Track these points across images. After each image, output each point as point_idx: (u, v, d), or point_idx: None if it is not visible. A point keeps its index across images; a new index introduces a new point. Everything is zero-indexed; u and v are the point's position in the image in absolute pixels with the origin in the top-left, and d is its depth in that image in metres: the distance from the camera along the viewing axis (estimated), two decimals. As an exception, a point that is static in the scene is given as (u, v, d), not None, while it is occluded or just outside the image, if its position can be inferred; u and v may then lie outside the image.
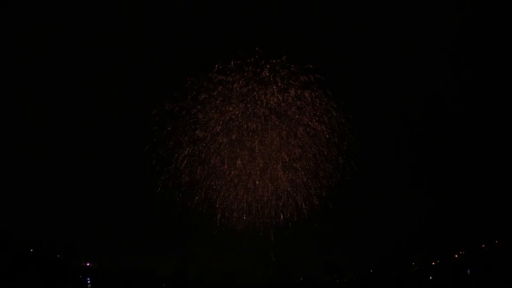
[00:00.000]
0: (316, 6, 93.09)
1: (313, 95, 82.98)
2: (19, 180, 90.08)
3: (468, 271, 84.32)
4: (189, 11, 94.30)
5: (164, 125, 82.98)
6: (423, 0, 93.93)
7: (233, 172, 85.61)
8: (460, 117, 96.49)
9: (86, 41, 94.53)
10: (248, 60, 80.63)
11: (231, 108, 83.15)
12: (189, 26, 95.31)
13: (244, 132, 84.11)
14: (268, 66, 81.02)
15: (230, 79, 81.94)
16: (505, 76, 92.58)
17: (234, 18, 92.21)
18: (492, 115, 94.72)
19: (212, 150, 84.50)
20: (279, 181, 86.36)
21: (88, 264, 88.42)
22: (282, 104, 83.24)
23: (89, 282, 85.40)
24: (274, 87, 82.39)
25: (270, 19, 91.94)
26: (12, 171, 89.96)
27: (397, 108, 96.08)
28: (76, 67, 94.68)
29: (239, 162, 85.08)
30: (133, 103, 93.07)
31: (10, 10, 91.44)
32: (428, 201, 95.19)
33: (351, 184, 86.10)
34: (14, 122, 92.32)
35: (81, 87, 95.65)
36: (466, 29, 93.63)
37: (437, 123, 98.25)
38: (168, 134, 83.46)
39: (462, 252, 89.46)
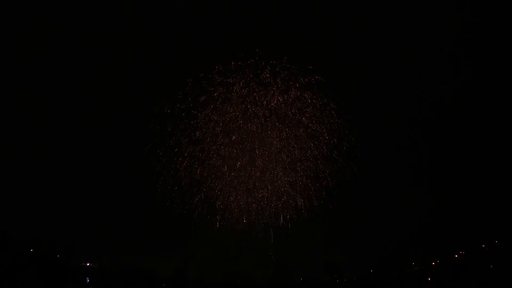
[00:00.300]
0: (316, 6, 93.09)
1: (313, 97, 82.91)
2: (19, 180, 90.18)
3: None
4: (189, 11, 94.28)
5: (165, 125, 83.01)
6: (423, 0, 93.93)
7: (233, 173, 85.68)
8: (459, 117, 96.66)
9: (86, 41, 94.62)
10: (249, 61, 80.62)
11: (231, 110, 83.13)
12: (189, 26, 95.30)
13: (244, 134, 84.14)
14: (269, 67, 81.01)
15: (231, 81, 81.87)
16: (505, 76, 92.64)
17: (234, 18, 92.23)
18: (492, 115, 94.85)
19: (212, 151, 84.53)
20: (279, 182, 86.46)
21: (88, 264, 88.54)
22: (282, 105, 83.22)
23: (88, 282, 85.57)
24: (274, 88, 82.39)
25: (270, 19, 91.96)
26: (12, 171, 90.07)
27: (397, 108, 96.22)
28: (76, 67, 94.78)
29: (239, 163, 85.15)
30: (133, 103, 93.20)
31: (10, 10, 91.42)
32: (428, 201, 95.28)
33: (351, 184, 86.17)
34: (14, 122, 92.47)
35: (81, 87, 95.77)
36: (466, 29, 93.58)
37: (437, 123, 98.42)
38: (168, 134, 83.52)
39: (462, 252, 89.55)
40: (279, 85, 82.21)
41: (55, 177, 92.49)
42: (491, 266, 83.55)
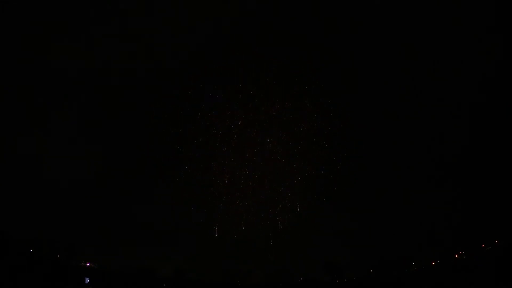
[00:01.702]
0: (316, 6, 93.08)
1: (313, 102, 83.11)
2: (19, 180, 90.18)
3: None
4: (189, 11, 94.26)
5: (165, 128, 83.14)
6: (423, 0, 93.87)
7: (232, 177, 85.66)
8: (459, 117, 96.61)
9: (86, 41, 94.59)
10: (250, 66, 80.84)
11: (231, 115, 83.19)
12: (189, 26, 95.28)
13: (244, 138, 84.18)
14: (269, 71, 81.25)
15: (231, 86, 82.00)
16: (506, 75, 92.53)
17: (234, 18, 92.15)
18: (491, 115, 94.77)
19: (212, 156, 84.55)
20: (279, 184, 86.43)
21: (88, 264, 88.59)
22: (283, 111, 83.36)
23: (88, 282, 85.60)
24: (275, 93, 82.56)
25: (270, 19, 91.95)
26: (12, 171, 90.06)
27: (397, 108, 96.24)
28: (76, 67, 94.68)
29: (239, 167, 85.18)
30: (133, 103, 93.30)
31: (10, 10, 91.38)
32: (429, 201, 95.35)
33: (351, 184, 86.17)
34: (14, 122, 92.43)
35: (81, 87, 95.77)
36: (466, 29, 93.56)
37: (436, 122, 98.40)
38: (168, 138, 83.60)
39: (462, 252, 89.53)
40: (280, 91, 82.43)
41: (55, 177, 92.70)
42: (491, 266, 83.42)
